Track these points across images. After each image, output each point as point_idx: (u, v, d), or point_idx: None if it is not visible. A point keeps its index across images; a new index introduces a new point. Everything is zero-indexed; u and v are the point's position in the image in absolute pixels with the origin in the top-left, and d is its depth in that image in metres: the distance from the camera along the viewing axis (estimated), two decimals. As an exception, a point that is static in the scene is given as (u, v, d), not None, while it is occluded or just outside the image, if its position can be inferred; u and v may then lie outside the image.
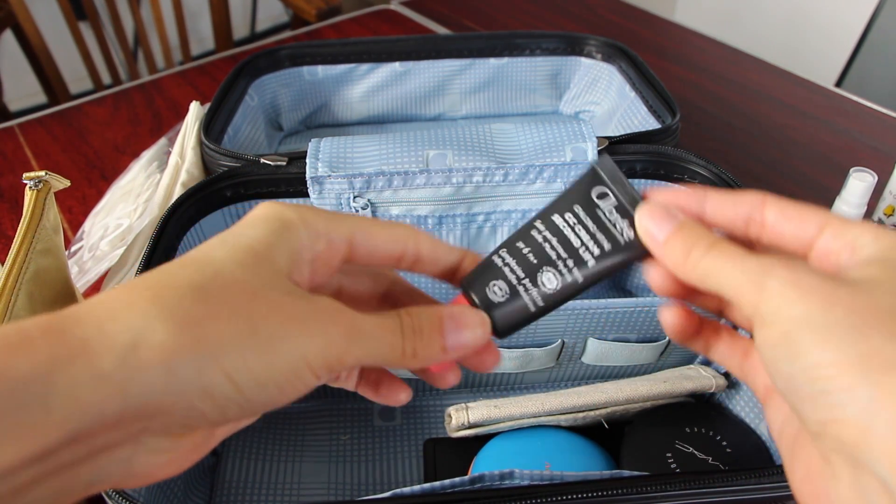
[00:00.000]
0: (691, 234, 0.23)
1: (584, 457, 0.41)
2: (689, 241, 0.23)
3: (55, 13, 1.14)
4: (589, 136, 0.46)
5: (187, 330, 0.19)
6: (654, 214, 0.24)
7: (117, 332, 0.18)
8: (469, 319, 0.24)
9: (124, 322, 0.18)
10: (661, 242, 0.24)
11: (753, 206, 0.24)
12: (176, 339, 0.18)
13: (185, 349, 0.18)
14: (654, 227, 0.24)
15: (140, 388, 0.18)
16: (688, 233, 0.24)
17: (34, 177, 0.39)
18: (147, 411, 0.18)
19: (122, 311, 0.19)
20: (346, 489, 0.44)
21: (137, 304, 0.19)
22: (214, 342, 0.19)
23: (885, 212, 0.55)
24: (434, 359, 0.23)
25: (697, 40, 0.97)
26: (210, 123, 0.52)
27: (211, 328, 0.19)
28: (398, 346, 0.23)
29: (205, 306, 0.19)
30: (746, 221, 0.25)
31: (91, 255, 0.50)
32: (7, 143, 0.76)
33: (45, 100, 1.19)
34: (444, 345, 0.23)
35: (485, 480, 0.32)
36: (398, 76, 0.66)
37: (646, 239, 0.24)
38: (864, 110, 0.81)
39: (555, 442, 0.41)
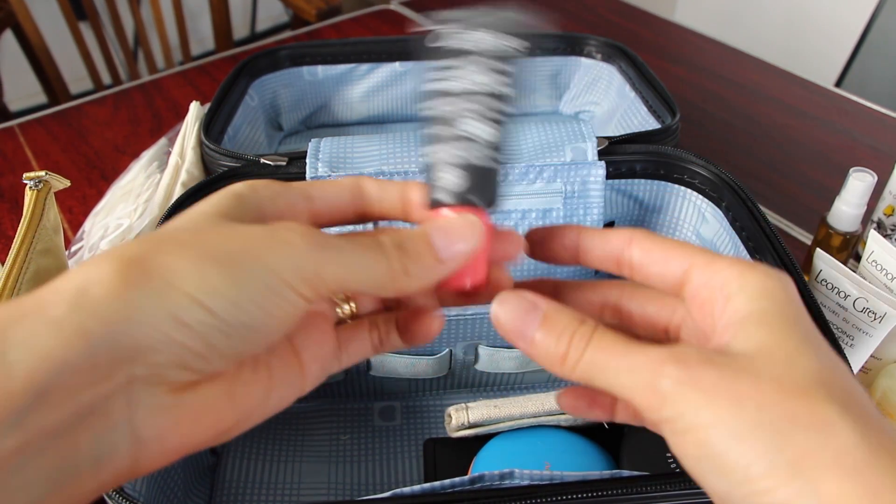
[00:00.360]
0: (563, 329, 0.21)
1: (584, 457, 0.41)
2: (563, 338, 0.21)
3: (55, 13, 1.14)
4: (589, 136, 0.46)
5: (136, 264, 0.18)
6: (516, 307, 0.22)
7: (67, 282, 0.18)
8: (457, 224, 0.22)
9: (74, 274, 0.18)
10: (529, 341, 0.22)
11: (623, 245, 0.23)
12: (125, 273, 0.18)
13: (137, 278, 0.18)
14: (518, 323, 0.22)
15: (101, 325, 0.17)
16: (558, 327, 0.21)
17: (34, 177, 0.39)
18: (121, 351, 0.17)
19: (74, 270, 0.18)
20: (346, 489, 0.44)
21: (88, 262, 0.19)
22: (167, 269, 0.18)
23: (885, 212, 0.55)
24: (431, 274, 0.22)
25: (697, 40, 0.97)
26: (210, 123, 0.52)
27: (161, 259, 0.18)
28: (383, 262, 0.21)
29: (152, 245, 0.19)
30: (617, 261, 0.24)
31: (91, 255, 0.50)
32: (7, 143, 0.76)
33: (46, 100, 1.19)
34: (439, 256, 0.22)
35: (485, 480, 0.32)
36: (398, 76, 0.66)
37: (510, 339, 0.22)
38: (864, 110, 0.81)
39: (555, 442, 0.41)
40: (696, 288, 0.21)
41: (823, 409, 0.18)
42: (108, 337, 0.17)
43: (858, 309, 0.40)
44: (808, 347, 0.19)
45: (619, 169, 0.48)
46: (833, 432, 0.17)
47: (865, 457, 0.17)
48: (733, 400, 0.18)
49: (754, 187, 0.69)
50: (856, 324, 0.41)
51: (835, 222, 0.53)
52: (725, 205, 0.45)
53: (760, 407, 0.18)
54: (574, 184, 0.45)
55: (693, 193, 0.48)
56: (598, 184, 0.45)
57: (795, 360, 0.19)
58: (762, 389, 0.18)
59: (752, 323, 0.20)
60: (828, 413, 0.18)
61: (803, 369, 0.19)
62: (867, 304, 0.40)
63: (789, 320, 0.20)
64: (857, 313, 0.41)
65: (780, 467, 0.17)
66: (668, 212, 0.50)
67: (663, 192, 0.49)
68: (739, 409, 0.18)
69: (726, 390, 0.19)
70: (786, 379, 0.18)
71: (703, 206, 0.47)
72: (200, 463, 0.43)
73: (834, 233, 0.53)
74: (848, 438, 0.17)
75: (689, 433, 0.19)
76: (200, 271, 0.18)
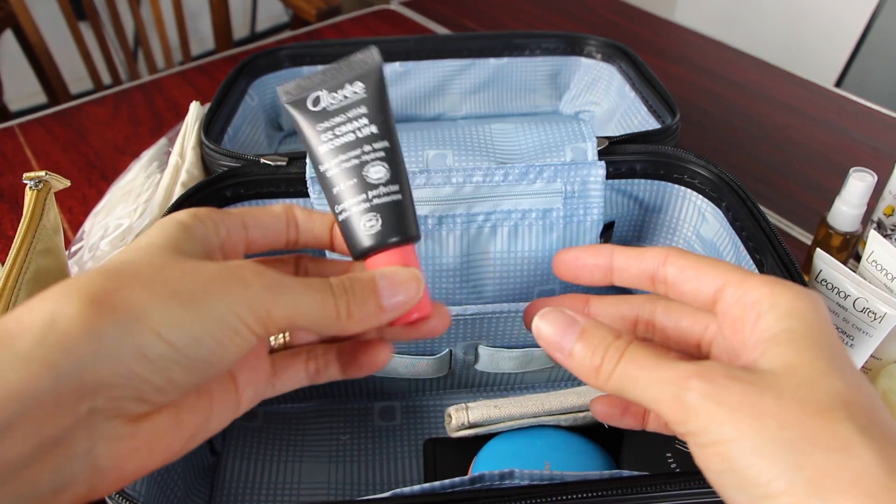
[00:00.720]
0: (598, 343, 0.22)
1: (584, 457, 0.41)
2: (598, 351, 0.22)
3: (55, 13, 1.14)
4: (589, 136, 0.46)
5: (102, 299, 0.19)
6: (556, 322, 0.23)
7: (33, 315, 0.18)
8: (401, 276, 0.24)
9: (39, 307, 0.18)
10: (567, 353, 0.23)
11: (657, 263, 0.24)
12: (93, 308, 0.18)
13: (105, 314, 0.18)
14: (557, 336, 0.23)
15: (68, 359, 0.17)
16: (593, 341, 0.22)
17: (34, 177, 0.39)
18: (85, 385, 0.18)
19: (37, 301, 0.19)
20: (346, 489, 0.44)
21: (50, 293, 0.19)
22: (133, 305, 0.19)
23: (885, 212, 0.55)
24: (373, 320, 0.23)
25: (697, 40, 0.97)
26: (210, 123, 0.52)
27: (126, 294, 0.19)
28: (330, 304, 0.22)
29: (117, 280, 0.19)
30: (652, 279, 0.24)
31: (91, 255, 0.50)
32: (7, 143, 0.76)
33: (46, 100, 1.19)
34: (381, 304, 0.23)
35: (485, 480, 0.32)
36: (398, 76, 0.66)
37: (550, 350, 0.24)
38: (864, 110, 0.81)
39: (555, 442, 0.41)
40: (729, 305, 0.22)
41: (844, 430, 0.18)
42: (75, 371, 0.18)
43: (858, 309, 0.40)
44: (833, 368, 0.20)
45: (619, 169, 0.48)
46: (852, 454, 0.18)
47: (883, 480, 0.17)
48: (756, 416, 0.19)
49: (754, 187, 0.69)
50: (856, 324, 0.41)
51: (835, 222, 0.53)
52: (725, 205, 0.45)
53: (782, 425, 0.18)
54: (574, 184, 0.45)
55: (693, 193, 0.48)
56: (598, 184, 0.45)
57: (819, 380, 0.19)
58: (785, 407, 0.19)
59: (780, 342, 0.20)
60: (848, 434, 0.18)
61: (826, 390, 0.19)
62: (867, 304, 0.40)
63: (817, 341, 0.20)
64: (857, 313, 0.41)
65: (799, 485, 0.18)
66: (668, 212, 0.50)
67: (663, 192, 0.49)
68: (762, 425, 0.19)
69: (750, 406, 0.19)
70: (809, 398, 0.19)
71: (704, 206, 0.47)
72: (200, 463, 0.43)
73: (834, 233, 0.53)
74: (867, 460, 0.18)
75: (712, 447, 0.19)
76: (165, 307, 0.19)
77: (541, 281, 0.48)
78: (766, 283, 0.21)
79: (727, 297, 0.22)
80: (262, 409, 0.48)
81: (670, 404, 0.20)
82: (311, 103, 0.26)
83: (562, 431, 0.42)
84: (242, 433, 0.46)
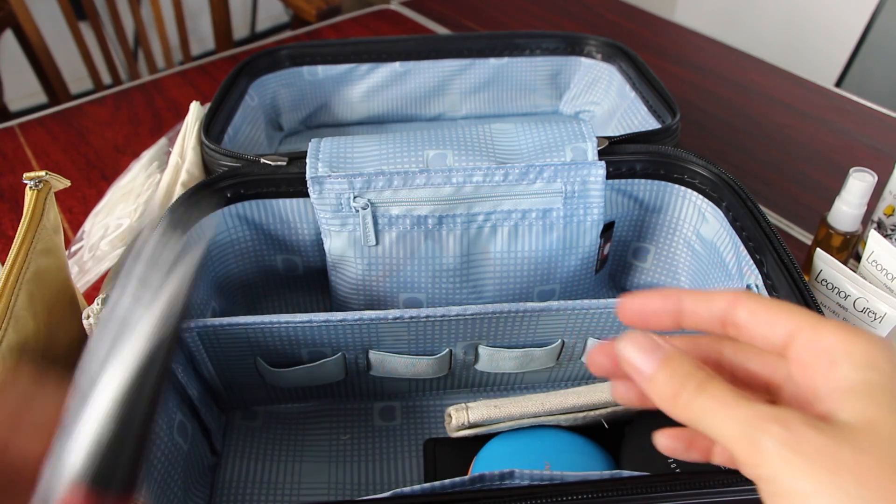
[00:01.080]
0: (679, 371, 0.22)
1: (584, 457, 0.41)
2: (678, 379, 0.22)
3: (55, 13, 1.14)
4: (589, 136, 0.46)
5: None
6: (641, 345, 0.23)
7: None
8: None
9: None
10: (647, 377, 0.23)
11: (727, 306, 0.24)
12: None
13: None
14: (641, 359, 0.23)
15: None
16: (676, 369, 0.23)
17: (34, 177, 0.39)
18: None
19: None
20: (346, 489, 0.44)
21: None
22: None
23: (885, 212, 0.55)
24: None
25: (697, 40, 0.97)
26: (210, 123, 0.52)
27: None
28: None
29: None
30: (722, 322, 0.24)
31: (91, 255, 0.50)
32: (7, 143, 0.76)
33: (46, 100, 1.19)
34: None
35: (485, 481, 0.32)
36: (398, 76, 0.66)
37: (630, 371, 0.24)
38: (864, 110, 0.81)
39: (555, 442, 0.41)
40: (801, 350, 0.22)
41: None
42: None
43: (859, 309, 0.40)
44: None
45: (619, 169, 0.48)
46: None
47: None
48: (834, 472, 0.18)
49: (754, 187, 0.69)
50: (856, 324, 0.41)
51: (835, 222, 0.53)
52: (726, 205, 0.45)
53: (861, 483, 0.18)
54: (574, 184, 0.45)
55: (693, 193, 0.48)
56: (599, 184, 0.45)
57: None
58: (865, 465, 0.18)
59: (857, 394, 0.20)
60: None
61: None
62: (867, 304, 0.40)
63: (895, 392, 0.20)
64: (858, 313, 0.41)
65: None
66: (668, 212, 0.50)
67: (663, 191, 0.49)
68: (839, 482, 0.18)
69: (828, 459, 0.19)
70: (889, 457, 0.19)
71: (704, 205, 0.47)
72: (200, 463, 0.43)
73: (834, 233, 0.53)
74: None
75: (785, 498, 0.19)
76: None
77: (541, 281, 0.48)
78: (840, 329, 0.21)
79: (799, 343, 0.22)
80: (262, 409, 0.48)
81: (744, 445, 0.20)
82: None
83: (562, 431, 0.42)
84: (242, 433, 0.46)
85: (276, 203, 0.47)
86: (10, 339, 0.34)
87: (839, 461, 0.19)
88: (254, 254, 0.50)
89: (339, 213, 0.45)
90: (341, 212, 0.45)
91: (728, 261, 0.45)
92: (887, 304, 0.39)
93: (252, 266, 0.50)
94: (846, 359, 0.21)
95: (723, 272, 0.46)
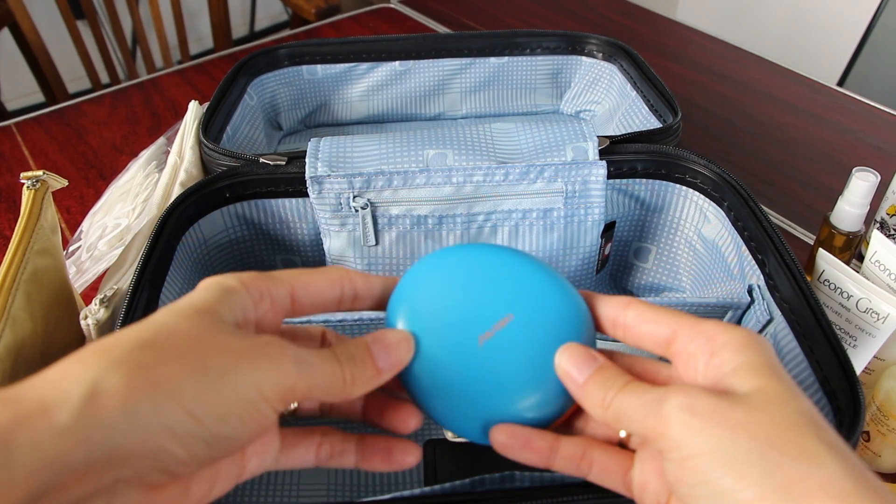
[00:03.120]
0: (608, 377, 0.25)
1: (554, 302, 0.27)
2: (607, 383, 0.24)
3: (53, 12, 1.13)
4: (590, 135, 0.46)
5: (140, 374, 0.19)
6: (576, 356, 0.25)
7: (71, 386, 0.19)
8: (392, 337, 0.26)
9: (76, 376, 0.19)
10: (580, 383, 0.25)
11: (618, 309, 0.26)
12: (131, 383, 0.19)
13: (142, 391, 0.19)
14: (575, 369, 0.25)
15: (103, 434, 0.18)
16: (606, 375, 0.25)
17: (32, 176, 0.39)
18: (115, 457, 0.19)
19: (73, 367, 0.19)
20: (346, 489, 0.44)
21: (87, 360, 0.20)
22: (169, 381, 0.20)
23: (889, 211, 0.54)
24: (371, 382, 0.25)
25: (699, 39, 0.97)
26: (209, 123, 0.52)
27: (163, 370, 0.20)
28: (338, 373, 0.24)
29: (153, 353, 0.20)
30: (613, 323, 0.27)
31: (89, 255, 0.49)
32: (4, 142, 0.76)
33: (43, 99, 1.18)
34: (377, 366, 0.25)
35: (485, 484, 0.32)
36: (398, 75, 0.66)
37: (565, 381, 0.26)
38: (867, 109, 0.81)
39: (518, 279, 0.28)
40: (684, 344, 0.24)
41: (812, 444, 0.20)
42: (107, 445, 0.18)
43: (861, 309, 0.40)
44: (797, 392, 0.22)
45: (620, 168, 0.47)
46: (820, 464, 0.19)
47: (849, 486, 0.19)
48: (728, 429, 0.20)
49: (756, 187, 0.69)
50: (859, 324, 0.41)
51: (837, 222, 0.53)
52: (727, 204, 0.45)
53: (753, 437, 0.20)
54: (575, 183, 0.45)
55: (695, 193, 0.47)
56: (599, 183, 0.45)
57: (787, 400, 0.21)
58: (756, 422, 0.20)
59: (743, 371, 0.22)
60: (816, 447, 0.20)
61: (794, 408, 0.21)
62: (870, 304, 0.39)
63: (775, 370, 0.22)
64: (860, 314, 0.40)
65: (771, 491, 0.19)
66: (669, 211, 0.49)
67: (665, 191, 0.49)
68: (734, 436, 0.20)
69: (723, 419, 0.21)
70: (778, 415, 0.21)
71: (705, 205, 0.47)
72: (199, 464, 0.43)
73: (836, 233, 0.53)
74: (834, 470, 0.19)
75: (687, 461, 0.21)
76: (196, 385, 0.20)
77: (541, 281, 0.48)
78: (718, 324, 0.24)
79: (682, 338, 0.24)
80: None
81: (651, 420, 0.22)
82: None
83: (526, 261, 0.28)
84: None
85: (276, 203, 0.47)
86: (7, 339, 0.34)
87: (733, 421, 0.20)
88: (253, 254, 0.49)
89: (338, 212, 0.45)
90: (341, 212, 0.45)
91: (730, 261, 0.44)
92: (890, 304, 0.39)
93: (251, 266, 0.50)
94: (726, 346, 0.23)
95: (724, 272, 0.45)
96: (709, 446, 0.20)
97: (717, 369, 0.23)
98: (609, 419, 0.24)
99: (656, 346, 0.25)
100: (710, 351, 0.23)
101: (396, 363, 0.26)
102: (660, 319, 0.25)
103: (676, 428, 0.21)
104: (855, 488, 0.19)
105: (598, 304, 0.27)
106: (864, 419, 0.30)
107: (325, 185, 0.44)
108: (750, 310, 0.41)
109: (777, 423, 0.20)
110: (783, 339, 0.38)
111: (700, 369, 0.23)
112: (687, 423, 0.21)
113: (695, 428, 0.21)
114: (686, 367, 0.24)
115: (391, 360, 0.26)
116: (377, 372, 0.25)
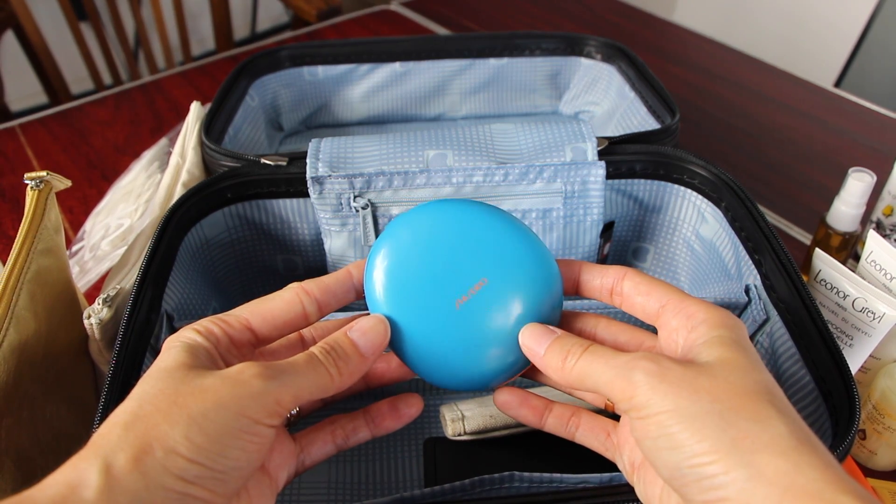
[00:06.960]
0: (566, 343, 0.27)
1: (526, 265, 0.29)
2: (565, 348, 0.27)
3: (56, 13, 1.14)
4: (589, 136, 0.46)
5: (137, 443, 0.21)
6: (534, 332, 0.28)
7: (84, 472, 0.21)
8: (366, 323, 0.28)
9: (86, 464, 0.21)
10: (541, 355, 0.27)
11: (616, 279, 0.29)
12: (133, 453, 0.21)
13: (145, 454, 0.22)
14: (535, 343, 0.28)
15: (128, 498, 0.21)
16: (564, 342, 0.27)
17: (35, 177, 0.39)
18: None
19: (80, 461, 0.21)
20: (346, 489, 0.44)
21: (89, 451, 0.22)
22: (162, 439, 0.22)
23: (884, 212, 0.55)
24: (359, 368, 0.27)
25: (697, 41, 0.97)
26: (211, 123, 0.52)
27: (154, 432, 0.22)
28: (323, 371, 0.26)
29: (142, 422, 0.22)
30: (610, 291, 0.29)
31: (92, 255, 0.50)
32: (8, 143, 0.76)
33: (47, 100, 1.19)
34: (360, 353, 0.27)
35: (485, 485, 0.32)
36: (398, 76, 0.66)
37: (528, 355, 0.28)
38: (863, 110, 0.81)
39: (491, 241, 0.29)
40: (670, 317, 0.27)
41: (764, 408, 0.22)
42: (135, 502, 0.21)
43: (857, 309, 0.40)
44: (758, 365, 0.24)
45: (618, 169, 0.48)
46: (769, 424, 0.22)
47: (793, 443, 0.21)
48: (692, 391, 0.23)
49: (753, 187, 0.69)
50: (855, 324, 0.41)
51: (834, 222, 0.53)
52: (725, 205, 0.45)
53: (714, 399, 0.22)
54: (574, 184, 0.45)
55: (693, 193, 0.48)
56: (598, 184, 0.45)
57: (748, 371, 0.24)
58: (718, 386, 0.23)
59: (714, 344, 0.25)
60: (768, 411, 0.22)
61: (753, 378, 0.23)
62: (866, 303, 0.40)
63: (743, 345, 0.25)
64: (856, 313, 0.41)
65: (723, 444, 0.21)
66: (667, 212, 0.50)
67: (663, 192, 0.49)
68: (696, 398, 0.23)
69: (688, 384, 0.23)
70: (738, 383, 0.23)
71: (703, 206, 0.47)
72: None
73: (833, 233, 0.53)
74: (781, 429, 0.22)
75: (652, 417, 0.23)
76: (187, 434, 0.22)
77: (540, 281, 0.48)
78: (701, 303, 0.26)
79: (668, 311, 0.27)
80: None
81: (620, 383, 0.24)
82: None
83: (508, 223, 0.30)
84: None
85: (277, 203, 0.47)
86: (11, 339, 0.34)
87: (697, 385, 0.23)
88: (254, 254, 0.50)
89: (339, 213, 0.45)
90: (341, 212, 0.45)
91: (727, 261, 0.45)
92: (886, 303, 0.39)
93: (252, 266, 0.50)
94: (704, 322, 0.25)
95: (722, 272, 0.46)
96: (673, 405, 0.23)
97: (695, 340, 0.25)
98: (572, 380, 0.26)
99: (647, 316, 0.28)
100: (690, 326, 0.26)
101: (378, 346, 0.28)
102: (652, 293, 0.28)
103: (645, 391, 0.23)
104: (798, 444, 0.21)
105: (597, 273, 0.29)
106: (859, 418, 0.30)
107: (325, 186, 0.45)
108: (747, 310, 0.42)
109: (737, 389, 0.23)
110: (779, 339, 0.38)
111: (680, 342, 0.26)
112: (655, 388, 0.23)
113: (661, 391, 0.23)
114: (668, 339, 0.27)
115: (372, 344, 0.27)
116: (362, 358, 0.27)
